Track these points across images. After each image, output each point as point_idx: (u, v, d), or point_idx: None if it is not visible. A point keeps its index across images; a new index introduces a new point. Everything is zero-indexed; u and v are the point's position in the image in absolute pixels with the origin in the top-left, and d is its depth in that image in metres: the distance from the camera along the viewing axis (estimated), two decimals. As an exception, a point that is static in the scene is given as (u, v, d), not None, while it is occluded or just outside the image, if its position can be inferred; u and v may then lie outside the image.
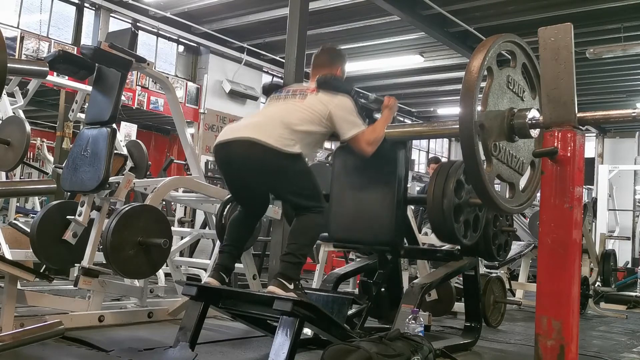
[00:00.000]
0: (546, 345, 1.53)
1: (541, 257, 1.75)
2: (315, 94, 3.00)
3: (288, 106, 2.99)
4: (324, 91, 3.00)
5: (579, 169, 1.74)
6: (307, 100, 2.97)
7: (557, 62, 1.79)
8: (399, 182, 3.25)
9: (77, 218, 3.51)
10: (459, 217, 3.17)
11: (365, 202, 3.31)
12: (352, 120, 2.98)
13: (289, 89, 3.16)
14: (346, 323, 3.12)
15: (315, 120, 2.92)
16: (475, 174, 1.94)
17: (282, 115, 2.91)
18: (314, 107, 2.94)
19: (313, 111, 2.93)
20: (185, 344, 2.65)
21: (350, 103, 3.01)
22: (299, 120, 2.89)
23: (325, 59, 3.25)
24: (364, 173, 3.31)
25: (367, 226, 3.28)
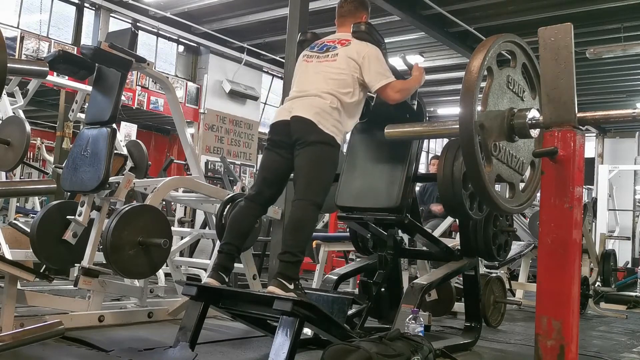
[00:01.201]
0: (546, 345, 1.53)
1: (541, 257, 1.75)
2: (347, 46, 3.10)
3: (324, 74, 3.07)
4: (356, 40, 3.11)
5: (579, 169, 1.74)
6: (338, 59, 3.07)
7: (557, 62, 1.79)
8: (411, 158, 3.36)
9: (77, 218, 3.51)
10: (467, 186, 3.20)
11: (377, 173, 3.41)
12: (382, 71, 3.08)
13: (321, 44, 3.23)
14: (346, 323, 3.12)
15: (350, 82, 3.03)
16: (475, 174, 1.94)
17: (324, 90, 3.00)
18: (345, 65, 3.04)
19: (346, 71, 3.04)
20: (185, 344, 2.65)
21: (380, 54, 3.11)
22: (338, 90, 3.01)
23: (349, 7, 3.35)
24: (379, 148, 3.43)
25: (375, 194, 3.36)
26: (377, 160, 3.46)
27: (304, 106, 3.00)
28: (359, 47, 3.09)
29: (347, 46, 3.10)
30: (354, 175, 3.47)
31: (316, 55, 3.18)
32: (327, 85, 3.02)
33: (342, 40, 3.16)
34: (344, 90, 3.02)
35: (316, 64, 3.16)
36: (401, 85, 3.13)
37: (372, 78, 3.06)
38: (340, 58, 3.08)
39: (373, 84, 3.06)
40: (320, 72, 3.10)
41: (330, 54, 3.12)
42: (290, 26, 5.22)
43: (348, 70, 3.04)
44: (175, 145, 11.93)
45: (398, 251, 3.69)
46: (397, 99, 3.12)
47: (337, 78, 3.04)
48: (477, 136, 1.91)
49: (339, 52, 3.10)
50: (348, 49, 3.09)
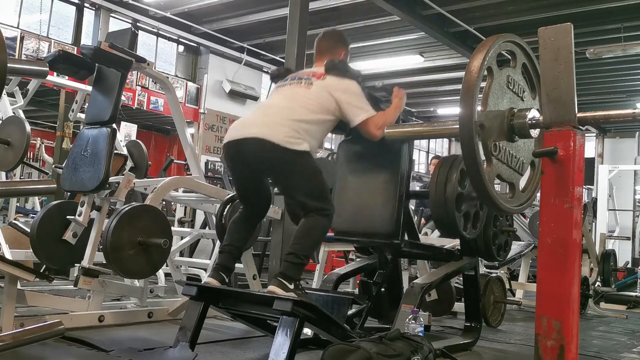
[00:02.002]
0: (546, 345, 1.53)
1: (541, 257, 1.75)
2: (322, 80, 2.99)
3: (294, 94, 2.98)
4: (331, 76, 2.99)
5: (579, 169, 1.74)
6: (313, 88, 2.96)
7: (557, 62, 1.79)
8: (401, 176, 3.26)
9: (77, 218, 3.51)
10: (460, 207, 3.18)
11: (368, 195, 3.33)
12: (361, 105, 2.98)
13: (294, 75, 3.14)
14: (346, 323, 3.12)
15: (322, 108, 2.92)
16: (475, 174, 1.94)
17: (288, 107, 2.90)
18: (321, 94, 2.93)
19: (319, 99, 2.92)
20: (185, 344, 2.65)
21: (357, 88, 3.01)
22: (306, 110, 2.88)
23: (328, 43, 3.26)
24: (368, 167, 3.32)
25: (369, 219, 3.30)
26: (367, 180, 3.34)
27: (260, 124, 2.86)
28: (335, 82, 2.96)
29: (322, 80, 2.98)
30: (346, 196, 3.37)
31: (289, 84, 3.07)
32: (293, 102, 2.91)
33: (317, 74, 3.03)
34: (311, 115, 2.88)
35: (287, 88, 3.05)
36: (382, 120, 3.01)
37: (350, 113, 2.95)
38: (315, 88, 2.95)
39: (352, 118, 2.95)
40: (290, 95, 2.99)
41: (304, 82, 3.00)
42: (290, 26, 5.22)
43: (321, 100, 2.91)
44: (175, 145, 11.93)
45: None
46: (379, 136, 3.00)
47: (306, 102, 2.91)
48: (477, 136, 1.91)
49: (314, 83, 2.97)
50: (323, 83, 2.96)
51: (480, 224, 3.42)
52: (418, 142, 17.10)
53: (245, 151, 2.87)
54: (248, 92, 11.92)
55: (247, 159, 2.90)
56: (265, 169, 2.93)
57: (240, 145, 2.87)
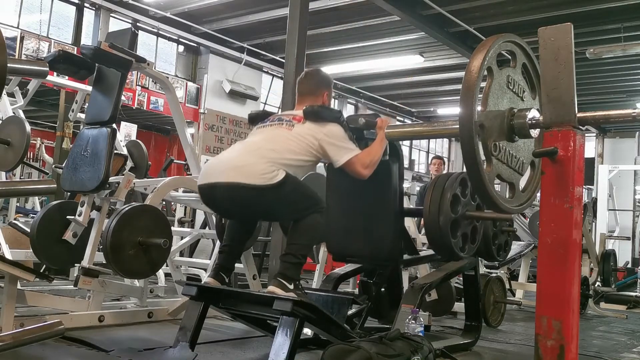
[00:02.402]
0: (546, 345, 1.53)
1: (541, 257, 1.75)
2: (303, 124, 2.93)
3: (274, 134, 2.92)
4: (311, 122, 2.92)
5: (579, 169, 1.74)
6: (295, 129, 2.90)
7: (557, 62, 1.79)
8: (394, 195, 3.22)
9: (77, 218, 3.51)
10: (456, 232, 3.17)
11: (362, 216, 3.29)
12: (344, 146, 2.92)
13: (274, 117, 3.10)
14: (346, 323, 3.12)
15: (303, 150, 2.86)
16: (475, 174, 1.94)
17: (265, 146, 2.82)
18: (303, 136, 2.87)
19: (301, 141, 2.86)
20: (185, 344, 2.65)
21: (340, 130, 2.94)
22: (286, 151, 2.81)
23: (309, 85, 3.18)
24: (359, 187, 3.22)
25: (365, 241, 3.28)
26: (359, 200, 3.28)
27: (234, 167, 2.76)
28: (316, 127, 2.90)
29: (302, 124, 2.92)
30: (340, 219, 3.32)
31: (269, 125, 3.01)
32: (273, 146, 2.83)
33: (297, 117, 2.96)
34: (293, 155, 2.82)
35: (268, 129, 2.99)
36: (368, 159, 2.93)
37: (334, 154, 2.90)
38: (296, 129, 2.90)
39: (337, 159, 2.90)
40: (271, 135, 2.93)
41: (285, 124, 2.95)
42: (290, 26, 5.22)
43: (303, 141, 2.86)
44: (175, 145, 11.93)
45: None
46: (366, 175, 2.94)
47: (288, 143, 2.84)
48: (477, 136, 1.90)
49: (296, 126, 2.92)
50: (305, 126, 2.91)
51: (479, 237, 3.42)
52: (418, 142, 17.10)
53: (220, 196, 2.82)
54: (248, 92, 11.92)
55: (223, 203, 2.88)
56: (242, 210, 2.88)
57: (214, 190, 2.82)
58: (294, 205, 2.82)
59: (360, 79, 13.23)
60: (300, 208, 2.82)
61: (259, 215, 3.06)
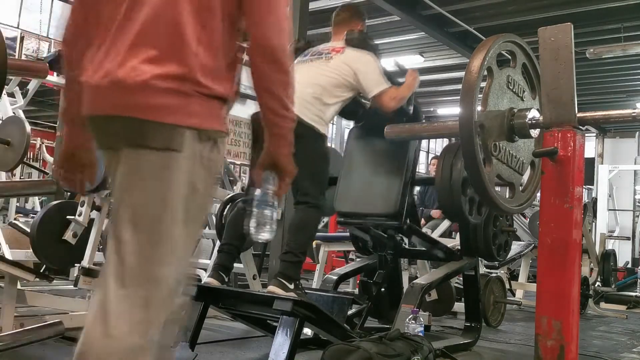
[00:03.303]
0: (546, 345, 1.53)
1: (541, 257, 1.75)
2: (341, 54, 3.07)
3: (316, 70, 3.05)
4: (350, 48, 3.08)
5: (579, 169, 1.74)
6: (332, 62, 3.04)
7: (557, 62, 1.79)
8: (408, 163, 3.34)
9: (77, 218, 3.51)
10: (466, 191, 3.19)
11: (375, 179, 3.39)
12: (377, 78, 3.06)
13: (314, 51, 3.21)
14: (346, 323, 3.12)
15: (342, 82, 3.00)
16: (475, 174, 1.94)
17: (313, 84, 2.95)
18: (340, 68, 3.02)
19: (339, 73, 3.00)
20: (185, 344, 2.65)
21: (375, 62, 3.10)
22: (330, 86, 2.97)
23: (345, 15, 3.34)
24: (376, 153, 3.41)
25: (374, 200, 3.34)
26: (374, 165, 3.43)
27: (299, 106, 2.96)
28: (354, 54, 3.07)
29: (341, 53, 3.08)
30: (352, 180, 3.45)
31: (309, 59, 3.16)
32: (314, 78, 2.99)
33: (336, 48, 3.13)
34: (331, 87, 2.99)
35: (307, 64, 3.13)
36: (396, 93, 3.09)
37: (368, 84, 3.04)
38: (334, 62, 3.05)
39: (370, 89, 3.04)
40: (310, 69, 3.07)
41: (325, 57, 3.10)
42: (290, 26, 5.21)
43: (340, 73, 3.01)
44: (175, 145, 11.91)
45: (398, 251, 3.69)
46: (392, 107, 3.09)
47: (327, 75, 3.01)
48: (477, 136, 1.91)
49: (334, 57, 3.07)
50: (342, 56, 3.07)
51: (486, 210, 3.43)
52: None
53: None
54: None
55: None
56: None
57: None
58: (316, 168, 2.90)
59: (360, 79, 13.23)
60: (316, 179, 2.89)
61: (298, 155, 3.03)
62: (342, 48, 3.11)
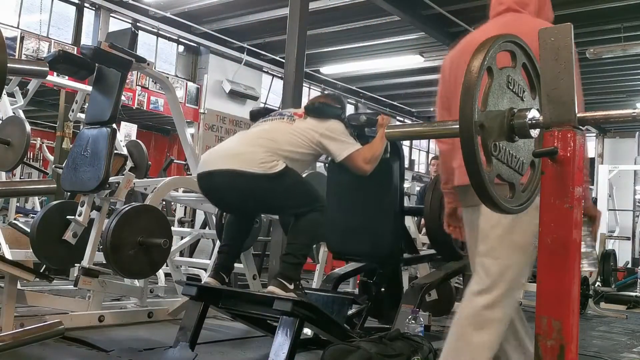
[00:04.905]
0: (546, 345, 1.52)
1: (541, 257, 1.75)
2: (304, 119, 2.93)
3: (275, 127, 2.92)
4: (312, 118, 2.93)
5: (579, 169, 1.74)
6: (295, 124, 2.90)
7: (557, 62, 1.79)
8: (394, 193, 3.23)
9: (77, 218, 3.51)
10: None
11: (362, 214, 3.29)
12: (344, 141, 2.91)
13: (275, 113, 3.11)
14: (346, 323, 3.12)
15: (303, 144, 2.86)
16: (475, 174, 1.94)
17: (267, 138, 2.82)
18: (303, 131, 2.87)
19: (301, 135, 2.86)
20: (185, 344, 2.65)
21: (340, 126, 2.95)
22: (286, 144, 2.81)
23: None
24: (360, 185, 3.23)
25: (365, 239, 3.29)
26: (360, 197, 3.29)
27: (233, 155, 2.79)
28: (317, 123, 2.91)
29: (303, 119, 2.94)
30: (340, 217, 3.31)
31: (270, 119, 3.01)
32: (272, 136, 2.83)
33: (299, 113, 3.00)
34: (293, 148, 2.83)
35: (269, 122, 2.98)
36: (370, 154, 2.93)
37: (335, 149, 2.89)
38: (297, 124, 2.91)
39: (338, 153, 2.89)
40: (271, 128, 2.92)
41: (287, 119, 2.96)
42: (290, 26, 5.22)
43: (304, 135, 2.86)
44: (175, 145, 11.93)
45: (398, 251, 3.68)
46: (367, 170, 2.93)
47: (289, 136, 2.84)
48: (477, 136, 1.90)
49: (297, 121, 2.93)
50: (305, 122, 2.92)
51: None
52: (418, 142, 17.10)
53: (219, 184, 2.83)
54: (248, 92, 11.92)
55: (221, 191, 2.87)
56: (243, 201, 2.88)
57: (212, 178, 2.83)
58: (293, 199, 2.84)
59: (360, 79, 13.22)
60: (300, 203, 2.83)
61: (257, 207, 3.03)
62: (303, 114, 2.96)
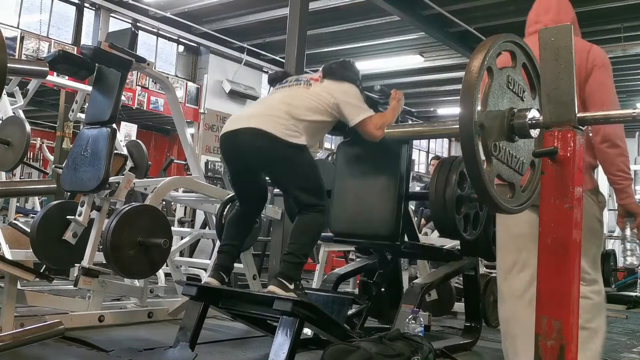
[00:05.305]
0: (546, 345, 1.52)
1: (541, 257, 1.75)
2: (320, 82, 3.00)
3: (293, 93, 2.98)
4: (329, 79, 3.00)
5: (579, 169, 1.74)
6: (312, 89, 2.97)
7: (557, 62, 1.79)
8: (401, 178, 3.26)
9: (77, 218, 3.51)
10: (460, 210, 3.17)
11: (367, 197, 3.32)
12: (359, 105, 2.98)
13: (293, 78, 3.16)
14: (346, 323, 3.12)
15: (320, 108, 2.91)
16: (475, 174, 1.94)
17: (287, 103, 2.89)
18: (320, 95, 2.93)
19: (318, 99, 2.92)
20: (185, 344, 2.65)
21: (356, 91, 3.02)
22: (304, 109, 2.88)
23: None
24: (367, 168, 3.31)
25: (369, 220, 3.29)
26: (366, 181, 3.33)
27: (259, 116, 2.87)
28: (333, 86, 2.97)
29: (320, 83, 3.00)
30: (345, 198, 3.36)
31: (287, 85, 3.08)
32: (289, 99, 2.91)
33: (314, 78, 3.05)
34: (310, 114, 2.88)
35: (285, 89, 3.05)
36: (381, 121, 2.99)
37: (349, 113, 2.94)
38: (313, 89, 2.96)
39: (351, 118, 2.94)
40: (289, 94, 2.98)
41: (304, 84, 3.02)
42: (290, 26, 5.22)
43: (320, 100, 2.91)
44: (175, 145, 11.93)
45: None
46: (379, 136, 2.98)
47: (303, 99, 2.91)
48: (477, 136, 1.90)
49: (313, 85, 2.99)
50: (321, 86, 2.98)
51: (480, 225, 3.42)
52: (418, 142, 17.09)
53: (241, 142, 2.85)
54: (248, 92, 11.92)
55: (242, 150, 2.87)
56: (260, 162, 2.91)
57: (236, 137, 2.86)
58: (303, 180, 2.88)
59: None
60: (307, 188, 2.86)
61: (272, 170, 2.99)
62: (320, 78, 3.02)
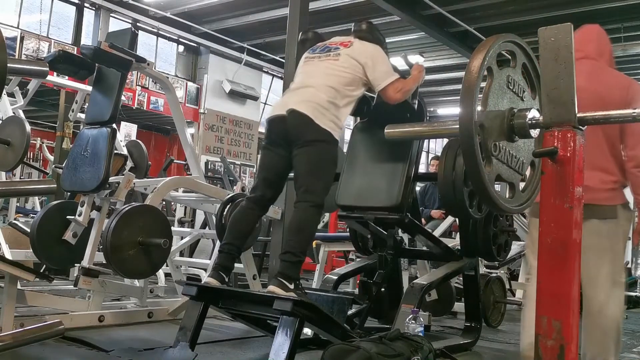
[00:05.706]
0: (546, 345, 1.53)
1: (541, 257, 1.75)
2: (349, 47, 3.12)
3: (326, 71, 3.07)
4: (358, 40, 3.14)
5: (579, 169, 1.74)
6: (341, 58, 3.08)
7: (557, 62, 1.79)
8: (411, 159, 3.36)
9: (77, 218, 3.51)
10: (468, 184, 3.18)
11: (377, 173, 3.41)
12: (386, 69, 3.12)
13: (323, 46, 3.24)
14: (346, 323, 3.12)
15: (352, 79, 3.05)
16: (475, 174, 1.94)
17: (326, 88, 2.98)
18: (349, 64, 3.05)
19: (350, 70, 3.05)
20: (185, 344, 2.65)
21: (383, 54, 3.15)
22: (340, 86, 3.00)
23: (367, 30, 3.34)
24: (380, 148, 3.42)
25: (377, 193, 3.35)
26: (377, 160, 3.46)
27: (301, 100, 2.98)
28: (362, 47, 3.12)
29: (349, 47, 3.13)
30: (355, 174, 3.47)
31: (318, 56, 3.20)
32: (327, 80, 3.03)
33: (344, 42, 3.18)
34: (344, 86, 3.03)
35: (317, 62, 3.17)
36: (402, 85, 3.14)
37: (376, 77, 3.08)
38: (342, 57, 3.09)
39: (378, 82, 3.09)
40: (321, 69, 3.11)
41: (333, 53, 3.14)
42: (290, 26, 5.22)
43: (350, 69, 3.05)
44: (175, 145, 11.93)
45: (398, 251, 3.69)
46: (398, 99, 3.14)
47: (338, 74, 3.04)
48: (477, 136, 1.90)
49: (341, 52, 3.12)
50: (350, 50, 3.11)
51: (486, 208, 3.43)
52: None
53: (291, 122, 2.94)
54: (248, 92, 11.92)
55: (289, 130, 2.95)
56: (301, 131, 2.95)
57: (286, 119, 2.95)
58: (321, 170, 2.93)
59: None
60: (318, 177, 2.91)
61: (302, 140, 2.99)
62: (350, 41, 3.16)
